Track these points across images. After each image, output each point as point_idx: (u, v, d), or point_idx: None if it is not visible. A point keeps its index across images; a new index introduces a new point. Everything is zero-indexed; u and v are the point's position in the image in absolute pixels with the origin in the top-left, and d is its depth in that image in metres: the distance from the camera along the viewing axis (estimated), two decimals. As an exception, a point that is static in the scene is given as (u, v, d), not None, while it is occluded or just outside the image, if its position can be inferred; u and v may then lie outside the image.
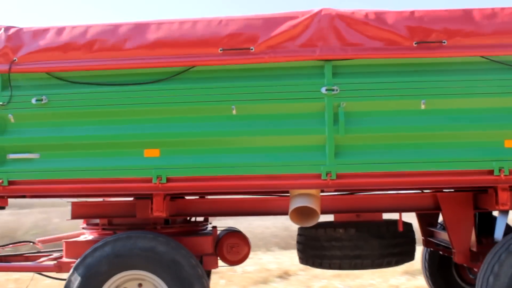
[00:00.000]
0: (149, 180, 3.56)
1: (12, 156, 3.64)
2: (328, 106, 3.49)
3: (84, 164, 3.61)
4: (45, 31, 3.66)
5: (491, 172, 3.43)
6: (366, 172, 3.51)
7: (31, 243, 5.17)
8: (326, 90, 3.49)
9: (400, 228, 4.11)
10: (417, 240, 4.57)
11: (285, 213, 3.93)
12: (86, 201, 4.33)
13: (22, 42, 3.63)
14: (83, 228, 4.46)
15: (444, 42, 3.43)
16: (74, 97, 3.61)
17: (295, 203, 3.59)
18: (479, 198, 4.00)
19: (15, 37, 3.65)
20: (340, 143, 3.50)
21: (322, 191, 3.85)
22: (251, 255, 4.56)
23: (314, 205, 3.57)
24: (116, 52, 3.57)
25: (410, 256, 4.44)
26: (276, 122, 3.55)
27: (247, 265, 7.98)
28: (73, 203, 4.29)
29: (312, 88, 3.51)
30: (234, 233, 4.41)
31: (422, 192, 4.20)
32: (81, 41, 3.59)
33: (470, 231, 4.01)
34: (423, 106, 3.47)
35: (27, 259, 4.87)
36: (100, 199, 4.45)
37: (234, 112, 3.55)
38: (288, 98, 3.53)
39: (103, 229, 4.23)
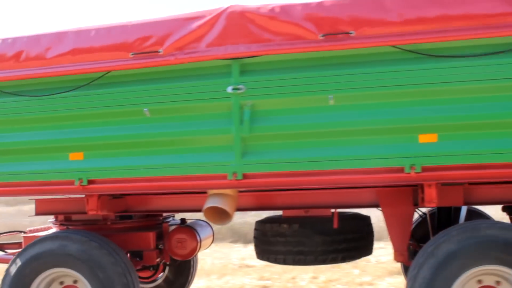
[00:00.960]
0: (73, 183, 3.74)
1: None
2: (235, 106, 3.44)
3: (17, 168, 3.86)
4: None
5: (402, 170, 3.23)
6: (274, 171, 3.44)
7: (22, 233, 5.61)
8: (232, 89, 3.44)
9: (335, 225, 3.98)
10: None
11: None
12: (48, 198, 4.61)
13: None
14: (51, 222, 4.76)
15: (352, 33, 3.23)
16: (5, 105, 3.85)
17: (208, 203, 3.60)
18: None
19: None
20: (247, 143, 3.45)
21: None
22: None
23: (226, 205, 3.56)
24: (40, 61, 3.74)
25: (363, 252, 4.29)
26: (188, 123, 3.57)
27: (381, 255, 7.95)
28: (36, 200, 4.59)
29: (219, 88, 3.47)
30: (182, 228, 4.50)
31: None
32: (10, 52, 3.80)
33: (409, 228, 3.80)
34: (331, 102, 3.32)
35: (20, 247, 5.29)
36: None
37: (148, 114, 3.60)
38: (197, 99, 3.52)
39: (60, 224, 4.51)
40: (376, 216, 4.68)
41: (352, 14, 3.26)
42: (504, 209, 4.43)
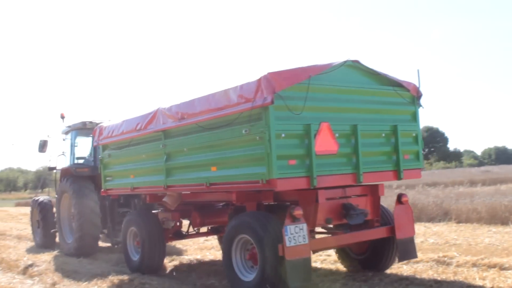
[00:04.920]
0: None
1: (107, 179, 9.11)
2: (162, 153, 7.36)
3: (121, 181, 8.72)
4: (107, 126, 8.88)
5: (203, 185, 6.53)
6: (178, 184, 7.16)
7: None
8: (161, 146, 7.35)
9: None
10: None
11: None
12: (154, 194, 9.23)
13: (102, 131, 8.99)
14: None
15: (185, 118, 6.71)
16: (119, 153, 8.72)
17: (163, 198, 7.63)
18: None
19: (99, 128, 9.06)
20: (168, 170, 7.31)
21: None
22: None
23: (169, 201, 7.53)
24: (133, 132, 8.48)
25: None
26: (150, 161, 7.69)
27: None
28: (148, 194, 9.28)
29: (159, 146, 7.44)
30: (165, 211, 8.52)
31: None
32: (118, 130, 8.63)
33: None
34: (185, 151, 6.86)
35: None
36: None
37: (145, 157, 7.86)
38: (152, 150, 7.62)
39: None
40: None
41: (182, 110, 6.75)
42: None
